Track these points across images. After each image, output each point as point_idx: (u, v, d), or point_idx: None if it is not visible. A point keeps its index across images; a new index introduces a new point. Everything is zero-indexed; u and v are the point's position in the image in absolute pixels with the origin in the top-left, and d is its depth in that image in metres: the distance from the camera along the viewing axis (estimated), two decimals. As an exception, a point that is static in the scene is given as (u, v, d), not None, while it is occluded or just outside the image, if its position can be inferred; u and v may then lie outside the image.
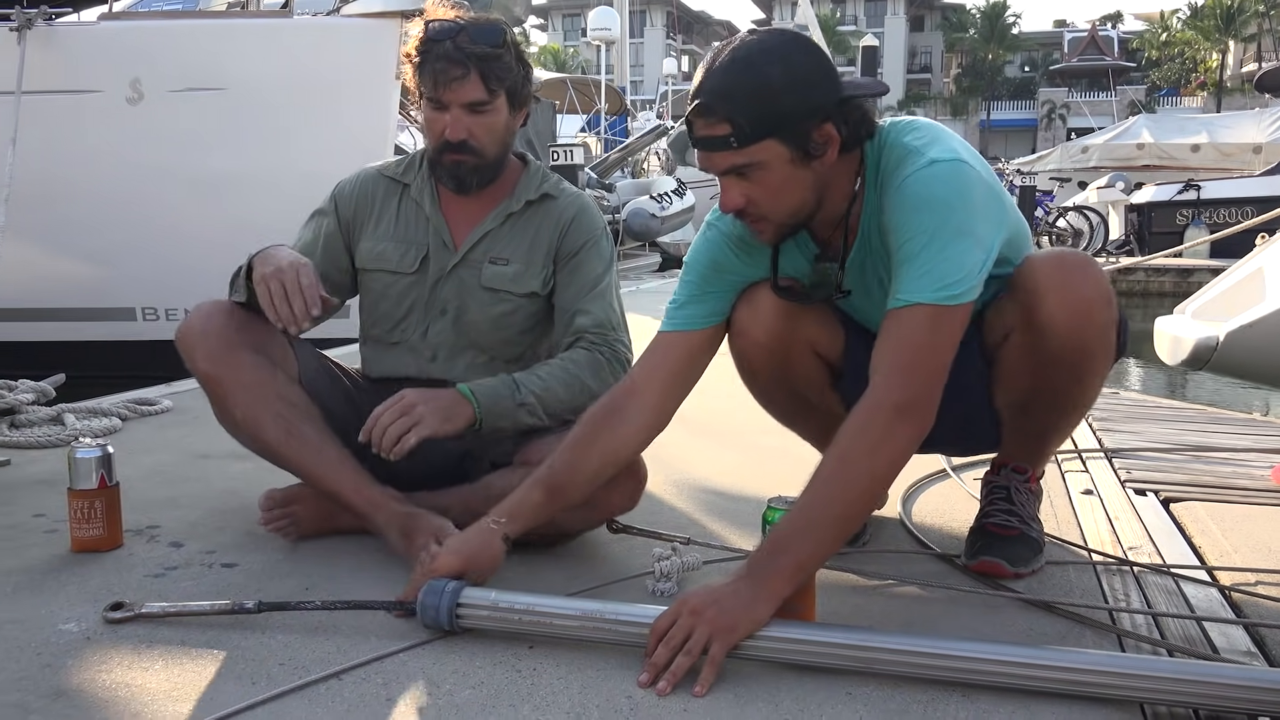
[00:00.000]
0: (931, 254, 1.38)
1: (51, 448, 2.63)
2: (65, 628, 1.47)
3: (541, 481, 1.56)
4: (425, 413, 1.64)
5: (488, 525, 1.54)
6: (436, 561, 1.49)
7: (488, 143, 1.80)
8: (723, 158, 1.42)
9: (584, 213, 1.92)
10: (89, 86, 5.06)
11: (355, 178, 1.98)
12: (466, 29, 1.75)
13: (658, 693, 1.27)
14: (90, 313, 5.29)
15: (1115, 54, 52.82)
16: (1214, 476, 2.36)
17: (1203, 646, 1.44)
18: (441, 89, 1.75)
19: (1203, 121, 18.87)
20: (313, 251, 1.90)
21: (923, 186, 1.41)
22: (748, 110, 1.37)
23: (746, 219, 1.49)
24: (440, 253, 1.89)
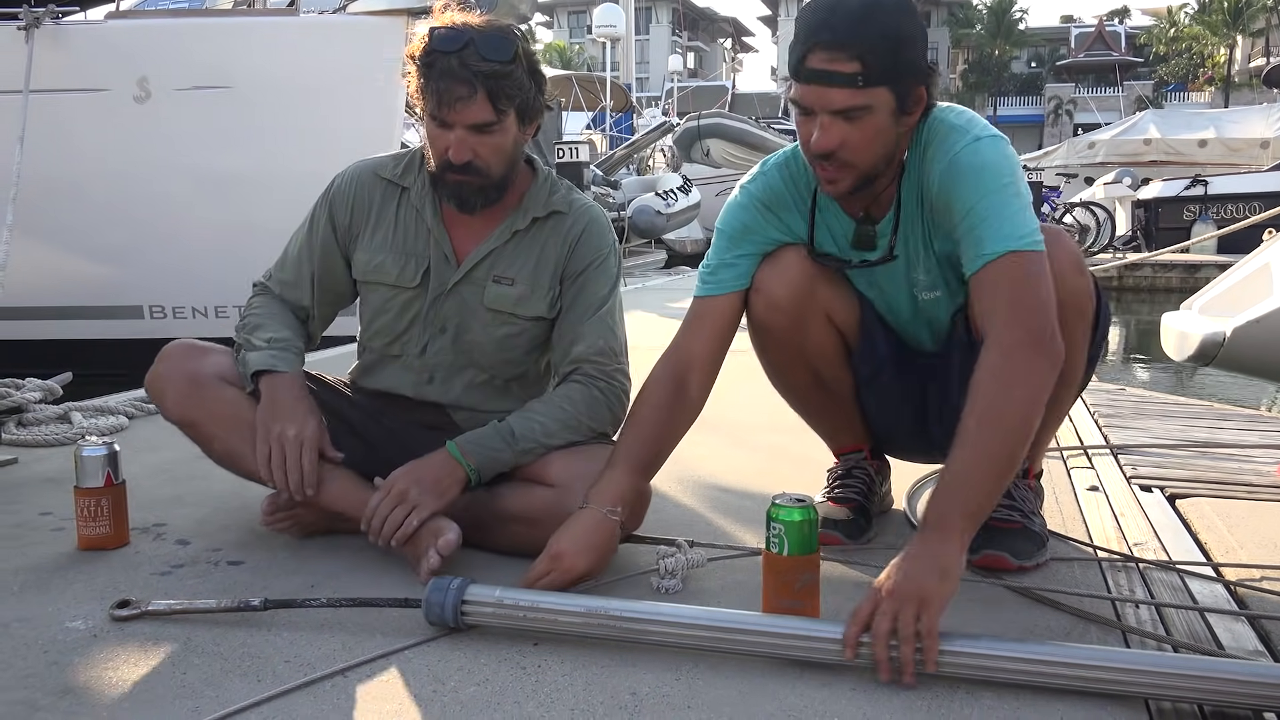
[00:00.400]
0: (1000, 210, 1.47)
1: (58, 446, 2.64)
2: (72, 625, 1.48)
3: (638, 466, 1.62)
4: (419, 495, 1.61)
5: (603, 516, 1.56)
6: (565, 562, 1.51)
7: (494, 163, 1.68)
8: (843, 95, 1.46)
9: (592, 229, 1.81)
10: (96, 85, 5.08)
11: (351, 178, 1.87)
12: (474, 41, 1.60)
13: (908, 685, 1.25)
14: (98, 311, 5.31)
15: (1122, 49, 52.61)
16: (1220, 472, 2.36)
17: (1208, 642, 1.44)
18: (446, 109, 1.62)
19: (1210, 117, 18.82)
20: (308, 267, 1.86)
21: (977, 156, 1.51)
22: (880, 54, 1.44)
23: (832, 165, 1.52)
24: (442, 267, 1.80)
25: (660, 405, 1.66)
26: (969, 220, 1.49)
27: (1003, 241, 1.46)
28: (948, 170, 1.52)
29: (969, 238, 1.49)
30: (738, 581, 1.65)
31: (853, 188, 1.56)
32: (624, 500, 1.59)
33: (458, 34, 1.62)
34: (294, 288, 1.87)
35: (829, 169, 1.53)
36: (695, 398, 1.68)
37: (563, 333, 1.80)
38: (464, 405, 1.85)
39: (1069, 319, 1.60)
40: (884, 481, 2.02)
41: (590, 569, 1.54)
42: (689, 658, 1.35)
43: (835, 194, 1.59)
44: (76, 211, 5.12)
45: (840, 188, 1.56)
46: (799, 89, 1.50)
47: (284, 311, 1.85)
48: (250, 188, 4.98)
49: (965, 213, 1.49)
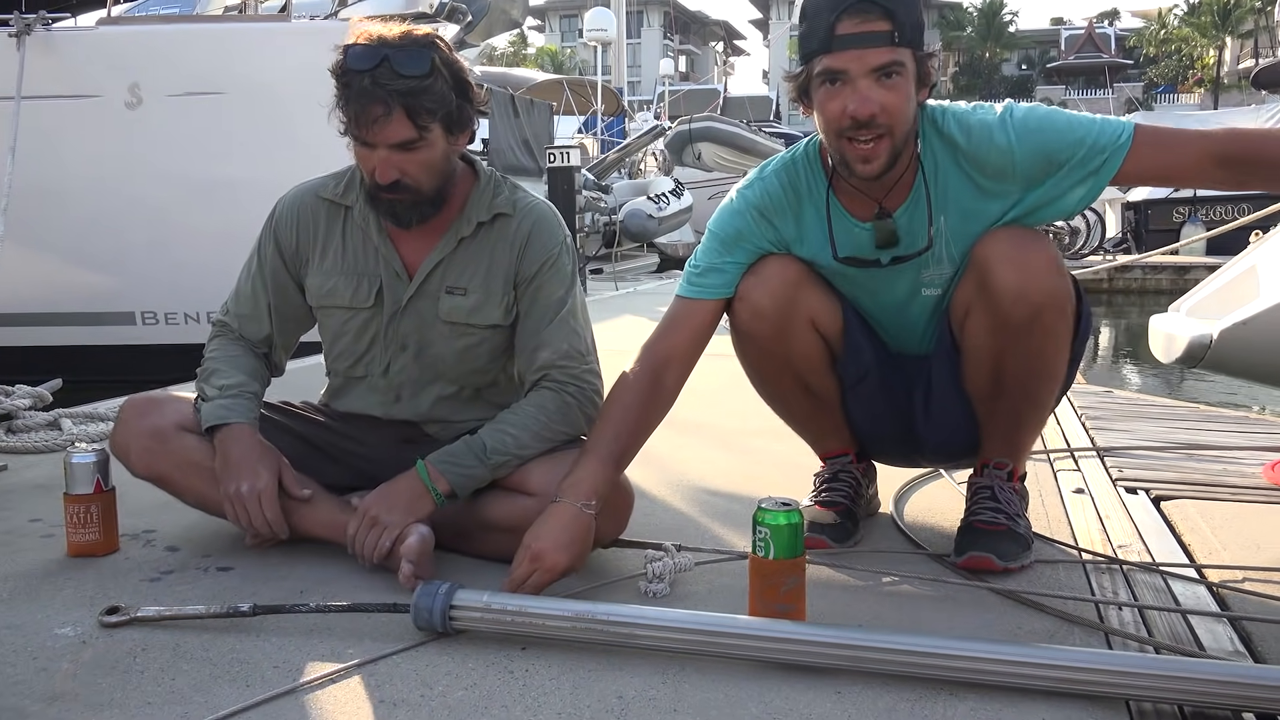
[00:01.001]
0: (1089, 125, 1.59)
1: (48, 452, 2.64)
2: (61, 632, 1.48)
3: (610, 458, 1.62)
4: (389, 517, 1.61)
5: (578, 510, 1.55)
6: (547, 561, 1.51)
7: (424, 178, 1.64)
8: (878, 54, 1.52)
9: (539, 228, 1.77)
10: (88, 91, 5.09)
11: (291, 203, 1.83)
12: (388, 58, 1.55)
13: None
14: (89, 317, 5.32)
15: (1112, 51, 52.87)
16: (1205, 474, 2.38)
17: (1189, 644, 1.45)
18: (365, 129, 1.58)
19: (1198, 119, 18.94)
20: (264, 298, 1.84)
21: (1033, 115, 1.62)
22: (907, 13, 1.53)
23: (871, 132, 1.54)
24: (394, 284, 1.78)
25: (635, 400, 1.67)
26: (1085, 145, 1.58)
27: (1122, 124, 1.60)
28: (1025, 132, 1.60)
29: (1093, 153, 1.58)
30: (725, 585, 1.66)
31: (886, 162, 1.58)
32: (598, 493, 1.58)
33: (372, 51, 1.57)
34: (252, 320, 1.85)
35: (864, 143, 1.55)
36: (670, 392, 1.71)
37: (525, 340, 1.77)
38: (435, 418, 1.85)
39: (1051, 319, 1.63)
40: (870, 485, 2.03)
41: (571, 564, 1.54)
42: (675, 661, 1.36)
43: (869, 173, 1.59)
44: (68, 217, 5.13)
45: (875, 165, 1.58)
46: (831, 58, 1.53)
47: (241, 353, 1.83)
48: (242, 193, 4.97)
49: (1076, 140, 1.58)
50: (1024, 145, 1.60)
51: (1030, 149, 1.60)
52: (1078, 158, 1.59)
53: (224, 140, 5.11)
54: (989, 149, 1.62)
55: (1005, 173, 1.62)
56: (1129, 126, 1.59)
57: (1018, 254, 1.61)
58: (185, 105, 5.08)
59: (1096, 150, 1.59)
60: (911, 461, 2.06)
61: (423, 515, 1.63)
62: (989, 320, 1.64)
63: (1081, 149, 1.59)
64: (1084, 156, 1.59)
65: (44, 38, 4.94)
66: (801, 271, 1.74)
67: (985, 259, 1.62)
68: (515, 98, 9.61)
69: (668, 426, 1.75)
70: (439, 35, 1.68)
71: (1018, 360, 1.66)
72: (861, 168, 1.58)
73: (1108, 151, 1.58)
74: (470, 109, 1.69)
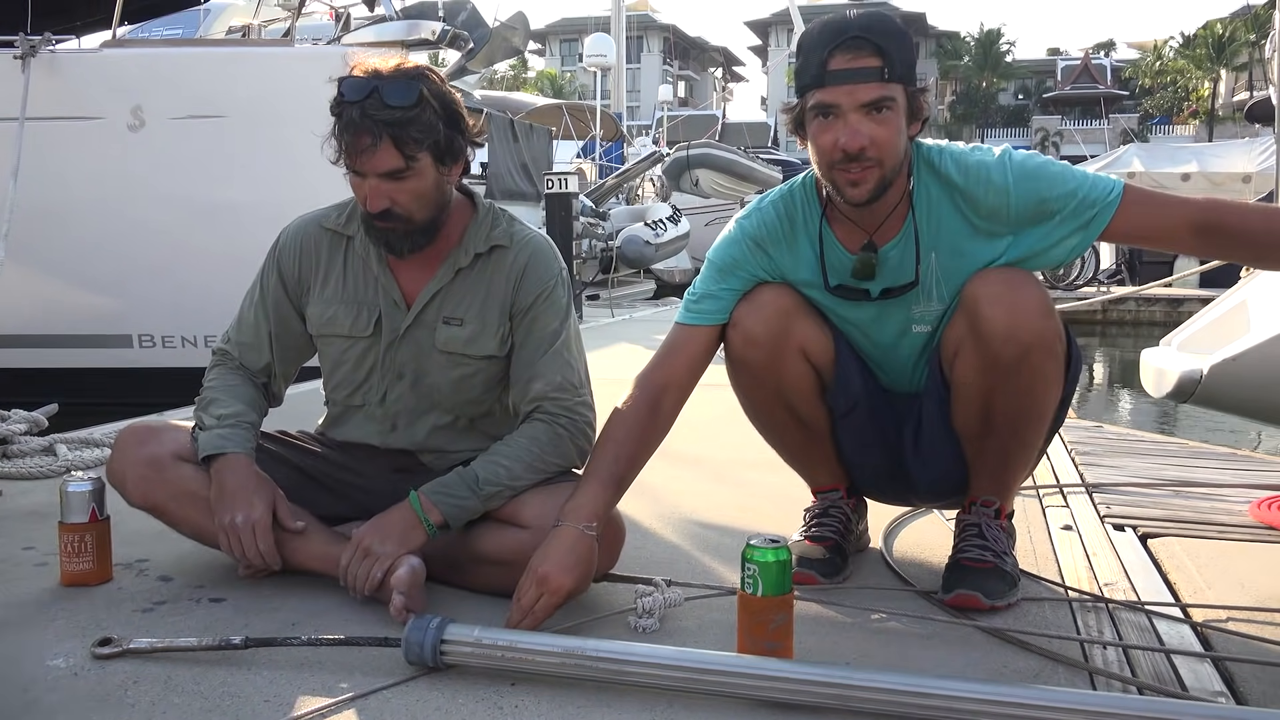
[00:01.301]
0: (1083, 178, 1.65)
1: (43, 479, 2.65)
2: (53, 663, 1.49)
3: (609, 482, 1.65)
4: (381, 547, 1.63)
5: (580, 533, 1.57)
6: (552, 584, 1.53)
7: (414, 208, 1.68)
8: (869, 89, 1.56)
9: (536, 261, 1.80)
10: (91, 113, 5.13)
11: (295, 233, 1.88)
12: (378, 89, 1.60)
13: None
14: (87, 339, 5.33)
15: (1108, 82, 53.30)
16: (1192, 512, 2.39)
17: (1172, 684, 1.47)
18: (354, 158, 1.63)
19: (1193, 151, 19.03)
20: (265, 327, 1.87)
21: (1030, 161, 1.68)
22: (898, 49, 1.57)
23: (860, 164, 1.60)
24: (392, 313, 1.81)
25: (634, 425, 1.70)
26: (1077, 197, 1.64)
27: (1112, 187, 1.64)
28: (1022, 177, 1.65)
29: (1084, 206, 1.63)
30: (715, 620, 1.67)
31: (875, 190, 1.63)
32: (599, 516, 1.61)
33: (363, 83, 1.62)
34: (253, 349, 1.88)
35: (854, 170, 1.60)
36: (667, 418, 1.74)
37: (519, 371, 1.80)
38: (430, 448, 1.87)
39: (1039, 360, 1.65)
40: (860, 520, 2.05)
41: (577, 586, 1.56)
42: (664, 698, 1.38)
43: (858, 197, 1.63)
44: (68, 239, 5.16)
45: (864, 190, 1.62)
46: (823, 93, 1.58)
47: (240, 382, 1.86)
48: (243, 217, 5.02)
49: (1069, 191, 1.64)
50: (1019, 188, 1.64)
51: (1025, 193, 1.64)
52: (1069, 209, 1.64)
53: (225, 163, 5.14)
54: (985, 188, 1.66)
55: (999, 214, 1.66)
56: (1119, 185, 1.64)
57: (1007, 294, 1.64)
58: (187, 128, 5.12)
59: (1088, 204, 1.63)
60: (903, 500, 2.07)
61: (415, 546, 1.65)
62: (978, 359, 1.66)
63: (1074, 200, 1.63)
64: (1075, 208, 1.64)
65: (48, 60, 4.98)
66: (795, 301, 1.78)
67: (975, 298, 1.65)
68: (515, 122, 9.68)
69: (661, 458, 1.78)
70: (431, 68, 1.73)
71: (1007, 399, 1.68)
72: (851, 191, 1.62)
73: (1098, 206, 1.63)
74: (462, 140, 1.72)
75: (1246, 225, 1.62)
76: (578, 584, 1.57)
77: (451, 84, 1.77)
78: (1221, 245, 1.66)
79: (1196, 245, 1.66)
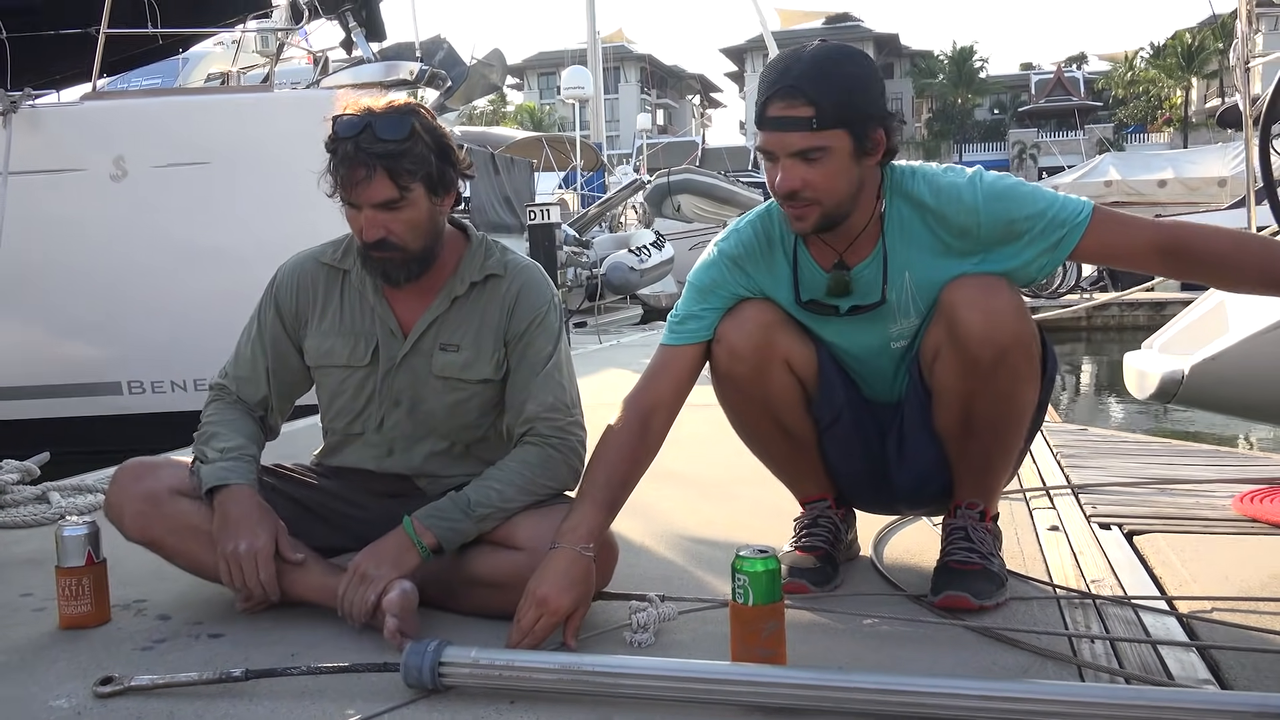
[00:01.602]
0: (1053, 200, 1.69)
1: (37, 526, 2.65)
2: (56, 704, 1.50)
3: (604, 503, 1.68)
4: (376, 570, 1.66)
5: (577, 554, 1.60)
6: (551, 605, 1.56)
7: (409, 238, 1.73)
8: (799, 138, 1.60)
9: (529, 288, 1.85)
10: (72, 165, 5.16)
11: (292, 269, 1.93)
12: (371, 125, 1.66)
13: None
14: (76, 389, 5.33)
15: (1081, 94, 53.90)
16: (1177, 508, 2.43)
17: (1159, 674, 1.50)
18: (350, 191, 1.69)
19: (1168, 158, 19.30)
20: (263, 362, 1.91)
21: (1000, 182, 1.72)
22: (832, 98, 1.60)
23: (798, 203, 1.66)
24: (389, 342, 1.85)
25: (625, 445, 1.73)
26: (1047, 213, 1.67)
27: (1082, 204, 1.68)
28: (991, 198, 1.68)
29: (1053, 227, 1.67)
30: (708, 633, 1.70)
31: (818, 224, 1.68)
32: (594, 537, 1.64)
33: (357, 120, 1.68)
34: (250, 383, 1.91)
35: (794, 207, 1.67)
36: (657, 437, 1.77)
37: (513, 394, 1.84)
38: (426, 473, 1.90)
39: (1016, 361, 1.69)
40: (849, 529, 2.08)
41: (575, 605, 1.59)
42: (661, 709, 1.40)
43: (802, 231, 1.71)
44: (55, 290, 5.17)
45: (806, 225, 1.69)
46: (761, 136, 1.65)
47: (239, 416, 1.89)
48: (227, 262, 5.04)
49: (1037, 212, 1.67)
50: (989, 208, 1.68)
51: (994, 212, 1.68)
52: (1038, 229, 1.67)
53: (209, 209, 5.17)
54: (956, 208, 1.70)
55: (969, 233, 1.70)
56: (1089, 206, 1.68)
57: (983, 299, 1.68)
58: (170, 176, 5.15)
59: (1056, 224, 1.67)
60: (889, 509, 2.10)
61: (409, 569, 1.67)
62: (957, 362, 1.70)
63: (1042, 221, 1.67)
64: (1044, 229, 1.67)
65: (29, 114, 5.02)
66: (777, 315, 1.82)
67: (952, 304, 1.69)
68: (496, 156, 9.76)
69: (651, 477, 1.80)
70: (421, 104, 1.78)
71: (986, 401, 1.72)
72: (795, 225, 1.70)
73: (1067, 227, 1.67)
74: (453, 172, 1.78)
75: (1211, 248, 1.66)
76: (575, 603, 1.59)
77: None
78: (1187, 267, 1.69)
79: (1163, 266, 1.70)
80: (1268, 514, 2.30)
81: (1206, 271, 1.71)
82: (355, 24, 5.57)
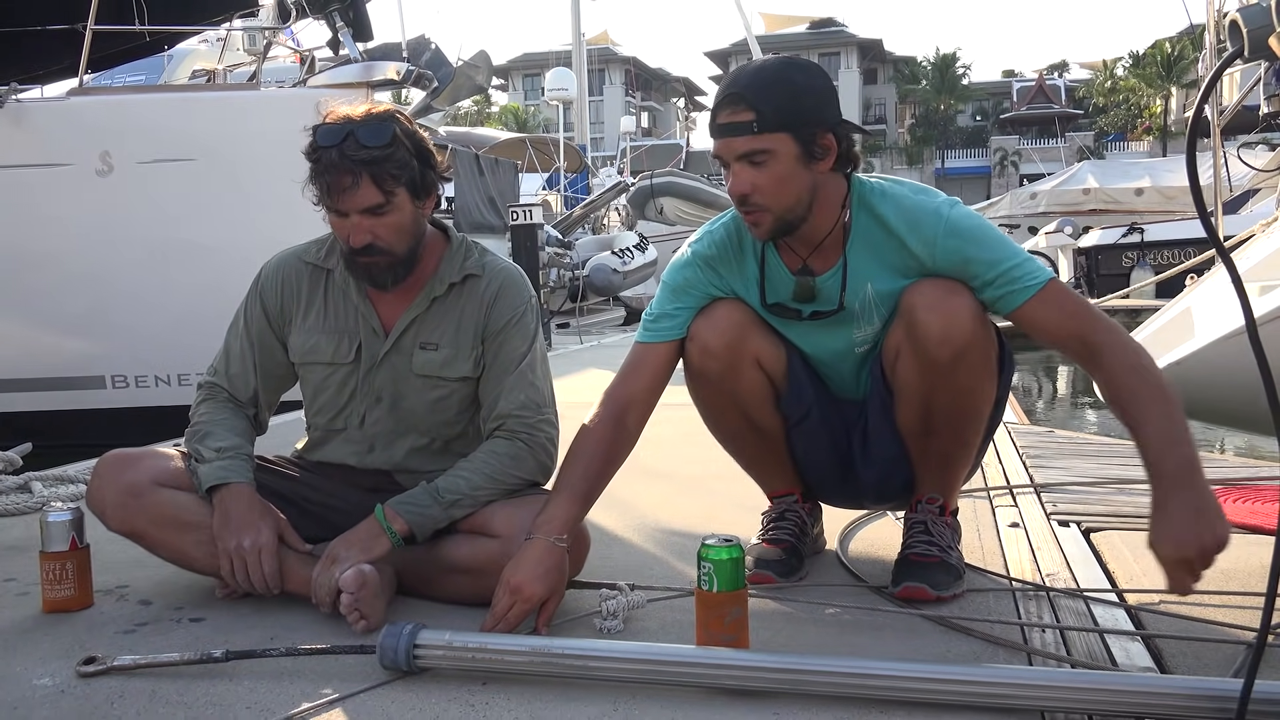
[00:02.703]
0: (1016, 251, 1.72)
1: (19, 515, 2.69)
2: (40, 683, 1.54)
3: (578, 496, 1.74)
4: (346, 554, 1.71)
5: (550, 544, 1.66)
6: (524, 592, 1.61)
7: (394, 241, 1.78)
8: (742, 142, 1.67)
9: (507, 288, 1.90)
10: (58, 160, 5.18)
11: (276, 267, 1.97)
12: (353, 133, 1.70)
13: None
14: (60, 382, 5.34)
15: (1063, 102, 54.29)
16: (1134, 507, 2.51)
17: (1104, 660, 1.57)
18: (335, 198, 1.73)
19: (1145, 166, 19.51)
20: (251, 358, 1.95)
21: (967, 220, 1.74)
22: (771, 102, 1.65)
23: (749, 208, 1.72)
24: (371, 340, 1.90)
25: (601, 440, 1.79)
26: (1001, 265, 1.70)
27: (1035, 276, 1.70)
28: (950, 233, 1.71)
29: (1007, 277, 1.69)
30: (675, 620, 1.76)
31: (773, 229, 1.75)
32: (568, 528, 1.70)
33: (338, 128, 1.72)
34: (241, 379, 1.96)
35: (748, 213, 1.74)
36: (632, 433, 1.83)
37: (487, 391, 1.89)
38: (406, 468, 1.95)
39: (973, 360, 1.76)
40: (816, 524, 2.14)
41: (547, 592, 1.64)
42: (628, 690, 1.45)
43: (759, 236, 1.78)
44: (39, 284, 5.19)
45: (761, 231, 1.76)
46: (714, 145, 1.73)
47: (231, 414, 1.93)
48: (212, 258, 5.07)
49: (993, 261, 1.70)
50: (946, 243, 1.72)
51: (950, 249, 1.71)
52: (989, 277, 1.70)
53: (194, 206, 5.20)
54: (914, 236, 1.74)
55: (922, 261, 1.74)
56: (1046, 275, 1.70)
57: (941, 301, 1.74)
58: (155, 172, 5.18)
59: (1008, 280, 1.69)
60: (854, 502, 2.17)
61: (379, 555, 1.73)
62: (916, 362, 1.77)
63: (995, 271, 1.70)
64: (995, 279, 1.70)
65: (15, 109, 5.04)
66: (748, 314, 1.88)
67: (912, 306, 1.75)
68: (480, 157, 9.80)
69: (626, 472, 1.86)
70: (400, 109, 1.83)
71: (944, 400, 1.79)
72: (752, 230, 1.78)
73: (1017, 286, 1.69)
74: (433, 175, 1.83)
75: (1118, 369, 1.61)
76: (548, 591, 1.65)
77: (417, 122, 1.88)
78: (1094, 371, 1.68)
79: (1080, 359, 1.70)
80: (1220, 513, 2.37)
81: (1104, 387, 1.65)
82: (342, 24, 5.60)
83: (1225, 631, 1.66)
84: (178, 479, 1.85)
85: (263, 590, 1.77)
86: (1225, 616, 1.72)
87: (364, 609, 1.66)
